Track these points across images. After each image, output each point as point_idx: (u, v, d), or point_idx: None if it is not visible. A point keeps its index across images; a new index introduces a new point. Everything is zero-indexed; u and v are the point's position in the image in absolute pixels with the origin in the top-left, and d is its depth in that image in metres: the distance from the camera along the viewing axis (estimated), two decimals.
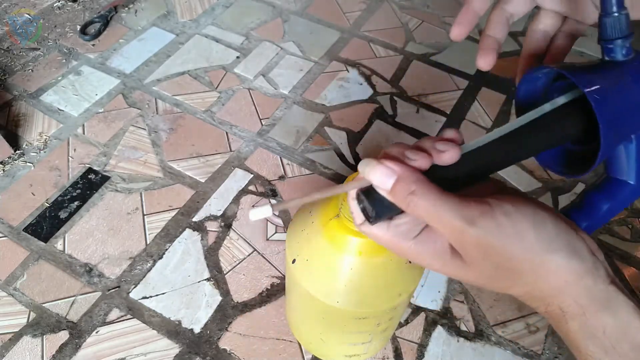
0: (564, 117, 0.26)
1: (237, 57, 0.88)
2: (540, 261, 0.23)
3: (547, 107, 0.26)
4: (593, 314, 0.24)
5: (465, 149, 0.26)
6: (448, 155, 0.25)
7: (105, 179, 0.69)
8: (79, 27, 0.90)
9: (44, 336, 0.55)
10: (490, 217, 0.23)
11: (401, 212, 0.26)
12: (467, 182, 0.26)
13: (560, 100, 0.26)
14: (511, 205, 0.24)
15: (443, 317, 0.59)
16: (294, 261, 0.42)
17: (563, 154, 0.31)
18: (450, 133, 0.26)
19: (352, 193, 0.27)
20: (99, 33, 0.89)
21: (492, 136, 0.26)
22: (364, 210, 0.27)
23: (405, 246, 0.26)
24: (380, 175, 0.25)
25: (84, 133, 0.75)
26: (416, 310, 0.59)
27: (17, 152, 0.72)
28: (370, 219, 0.26)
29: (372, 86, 0.84)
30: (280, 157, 0.73)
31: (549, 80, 0.30)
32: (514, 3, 0.32)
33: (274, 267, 0.62)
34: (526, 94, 0.31)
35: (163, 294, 0.59)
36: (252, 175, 0.71)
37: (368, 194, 0.26)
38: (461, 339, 0.57)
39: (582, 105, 0.25)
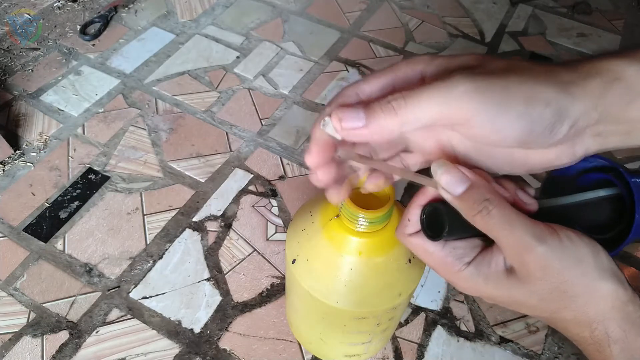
0: (600, 206, 0.30)
1: (237, 57, 0.88)
2: (594, 286, 0.24)
3: (590, 195, 0.30)
4: (634, 338, 0.25)
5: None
6: (529, 209, 0.26)
7: (105, 179, 0.69)
8: (79, 27, 0.90)
9: (44, 336, 0.55)
10: (556, 238, 0.24)
11: (461, 238, 0.27)
12: None
13: (601, 192, 0.30)
14: (572, 232, 0.25)
15: (443, 317, 0.59)
16: (294, 261, 0.42)
17: None
18: (532, 190, 0.27)
19: (418, 199, 0.27)
20: (99, 33, 0.89)
21: (550, 202, 0.29)
22: (422, 222, 0.27)
23: (456, 269, 0.27)
24: (452, 178, 0.24)
25: (84, 133, 0.75)
26: (416, 310, 0.59)
27: (17, 152, 0.72)
28: (432, 233, 0.27)
29: None
30: (280, 157, 0.73)
31: (584, 167, 0.33)
32: (367, 88, 0.25)
33: (274, 267, 0.62)
34: (562, 171, 0.34)
35: (163, 294, 0.59)
36: (252, 175, 0.71)
37: (436, 209, 0.26)
38: (461, 339, 0.57)
39: (612, 201, 0.30)
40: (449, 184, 0.25)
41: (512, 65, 0.22)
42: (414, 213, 0.28)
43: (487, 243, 0.27)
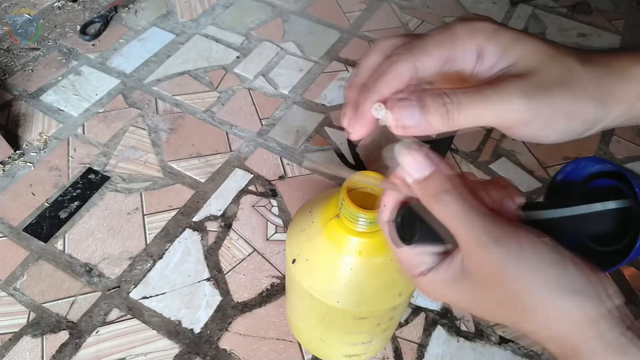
0: (609, 217, 0.27)
1: (237, 57, 0.88)
2: (553, 300, 0.22)
3: (598, 207, 0.27)
4: None
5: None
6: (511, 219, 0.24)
7: (105, 179, 0.69)
8: (79, 27, 0.90)
9: (44, 336, 0.55)
10: (516, 241, 0.22)
11: (434, 244, 0.25)
12: None
13: (611, 204, 0.27)
14: (536, 236, 0.23)
15: (443, 317, 0.59)
16: (294, 261, 0.42)
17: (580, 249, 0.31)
18: (520, 199, 0.25)
19: (388, 204, 0.27)
20: (99, 33, 0.89)
21: (540, 215, 0.26)
22: (397, 224, 0.26)
23: (417, 272, 0.26)
24: (415, 162, 0.23)
25: (84, 133, 0.75)
26: (416, 310, 0.59)
27: (17, 152, 0.72)
28: (404, 235, 0.26)
29: None
30: (280, 157, 0.73)
31: (592, 172, 0.30)
32: (425, 61, 0.23)
33: (274, 267, 0.62)
34: (568, 175, 0.31)
35: (163, 294, 0.59)
36: (252, 175, 0.71)
37: (411, 212, 0.25)
38: (461, 339, 0.57)
39: (622, 211, 0.27)
40: (410, 167, 0.24)
41: (565, 75, 0.23)
42: (389, 198, 0.27)
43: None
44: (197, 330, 0.56)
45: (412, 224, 0.25)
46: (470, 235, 0.22)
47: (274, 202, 0.68)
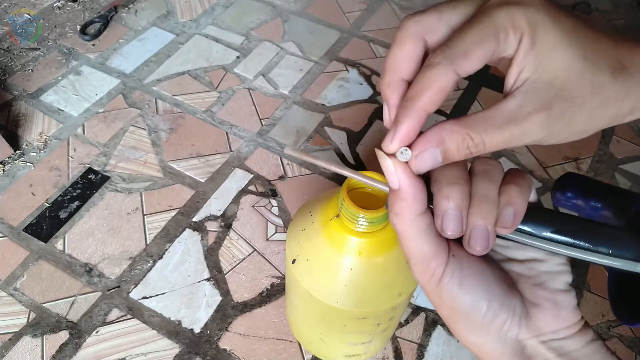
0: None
1: (237, 57, 0.88)
2: (460, 334, 0.25)
3: (602, 260, 0.23)
4: None
5: (506, 235, 0.24)
6: (474, 251, 0.24)
7: (105, 179, 0.69)
8: (79, 27, 0.90)
9: (44, 336, 0.55)
10: (437, 280, 0.24)
11: None
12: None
13: (617, 263, 0.23)
14: (459, 282, 0.23)
15: None
16: (294, 261, 0.42)
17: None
18: (502, 230, 0.24)
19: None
20: (99, 33, 0.89)
21: (553, 247, 0.24)
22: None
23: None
24: (387, 174, 0.24)
25: (84, 133, 0.75)
26: (416, 310, 0.59)
27: (17, 152, 0.72)
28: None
29: (372, 86, 0.84)
30: (280, 157, 0.73)
31: None
32: (466, 66, 0.22)
33: (274, 267, 0.62)
34: None
35: (163, 294, 0.59)
36: (252, 175, 0.71)
37: None
38: None
39: None
40: (387, 176, 0.24)
41: (593, 95, 0.22)
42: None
43: None
44: (197, 330, 0.56)
45: None
46: (407, 256, 0.25)
47: (274, 202, 0.68)
